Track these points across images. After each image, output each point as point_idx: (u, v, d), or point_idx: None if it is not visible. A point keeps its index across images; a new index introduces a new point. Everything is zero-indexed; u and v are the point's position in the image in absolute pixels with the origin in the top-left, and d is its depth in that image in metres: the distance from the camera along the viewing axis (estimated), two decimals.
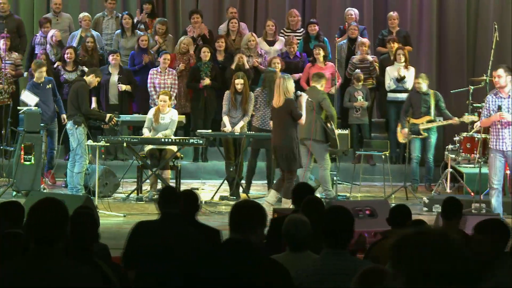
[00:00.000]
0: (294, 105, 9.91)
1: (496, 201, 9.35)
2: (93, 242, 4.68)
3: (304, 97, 10.04)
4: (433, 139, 12.08)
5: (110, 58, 12.99)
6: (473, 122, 11.71)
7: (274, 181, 11.32)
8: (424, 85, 11.97)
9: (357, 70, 13.18)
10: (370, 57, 13.43)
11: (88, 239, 4.57)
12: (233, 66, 12.77)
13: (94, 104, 12.67)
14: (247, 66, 12.81)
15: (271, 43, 13.72)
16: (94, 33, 13.81)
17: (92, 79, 10.91)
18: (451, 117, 11.87)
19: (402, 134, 12.10)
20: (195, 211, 5.91)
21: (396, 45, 13.25)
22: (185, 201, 5.87)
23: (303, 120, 9.90)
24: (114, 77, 12.96)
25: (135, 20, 14.14)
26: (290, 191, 9.68)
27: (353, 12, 14.10)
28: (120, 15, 14.40)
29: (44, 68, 12.00)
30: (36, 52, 13.57)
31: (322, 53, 12.80)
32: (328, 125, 10.70)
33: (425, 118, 11.96)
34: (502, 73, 9.28)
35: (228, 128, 11.34)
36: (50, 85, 11.95)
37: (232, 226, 4.02)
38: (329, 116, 10.70)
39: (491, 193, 9.50)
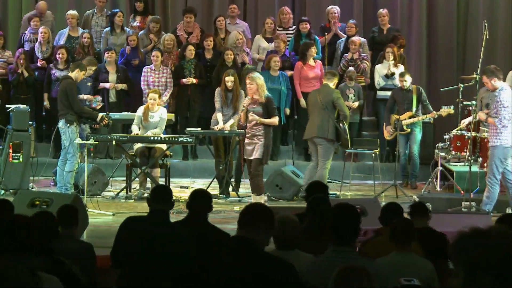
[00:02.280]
0: None
1: None
2: (52, 241, 4.83)
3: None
4: (418, 132, 12.09)
5: (106, 55, 12.98)
6: (449, 115, 11.78)
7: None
8: (409, 83, 12.02)
9: (351, 68, 13.16)
10: (356, 55, 13.39)
11: (46, 239, 4.70)
12: (219, 63, 12.78)
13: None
14: (239, 61, 12.87)
15: (270, 40, 13.67)
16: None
17: (77, 74, 10.79)
18: (431, 110, 11.91)
19: (386, 131, 12.15)
20: (206, 212, 5.72)
21: (394, 49, 13.10)
22: (195, 201, 5.73)
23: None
24: (113, 76, 12.95)
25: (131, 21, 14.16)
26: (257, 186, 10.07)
27: (336, 10, 14.12)
28: (110, 13, 14.35)
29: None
30: (25, 49, 13.49)
31: (315, 51, 12.77)
32: (341, 124, 10.71)
33: (406, 114, 11.99)
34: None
35: (221, 125, 11.27)
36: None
37: (238, 223, 4.09)
38: (342, 116, 10.73)
39: None
